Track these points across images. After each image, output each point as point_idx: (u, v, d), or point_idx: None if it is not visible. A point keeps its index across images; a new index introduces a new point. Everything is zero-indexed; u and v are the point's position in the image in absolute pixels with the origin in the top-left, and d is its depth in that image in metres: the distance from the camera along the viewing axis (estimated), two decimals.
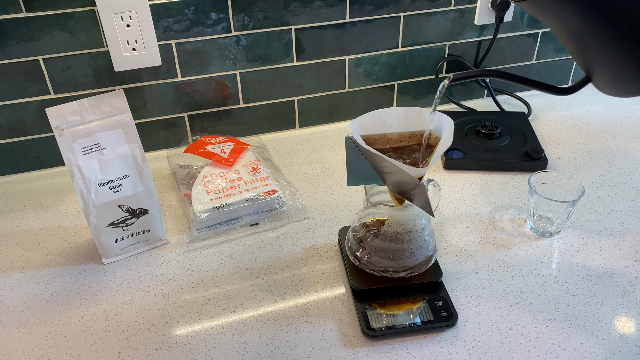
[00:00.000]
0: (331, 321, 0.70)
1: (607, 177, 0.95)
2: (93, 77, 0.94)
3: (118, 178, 0.75)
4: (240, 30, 0.97)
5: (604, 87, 0.69)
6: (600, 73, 0.67)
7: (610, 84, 0.68)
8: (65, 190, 0.96)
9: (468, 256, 0.79)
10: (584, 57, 0.67)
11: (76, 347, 0.68)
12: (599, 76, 0.68)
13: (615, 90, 0.68)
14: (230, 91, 1.03)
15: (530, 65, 1.19)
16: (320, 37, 1.02)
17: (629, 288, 0.74)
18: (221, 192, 0.85)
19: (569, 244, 0.81)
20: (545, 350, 0.66)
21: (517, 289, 0.74)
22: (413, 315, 0.69)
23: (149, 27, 0.91)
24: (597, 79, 0.69)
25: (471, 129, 1.04)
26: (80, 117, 0.72)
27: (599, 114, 1.14)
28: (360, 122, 0.69)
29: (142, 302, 0.74)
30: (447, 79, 0.64)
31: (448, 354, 0.65)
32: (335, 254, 0.80)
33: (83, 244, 0.84)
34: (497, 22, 1.08)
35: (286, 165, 1.00)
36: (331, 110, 1.11)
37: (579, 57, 0.68)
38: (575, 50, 0.67)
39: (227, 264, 0.79)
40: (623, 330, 0.68)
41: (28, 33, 0.87)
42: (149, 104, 0.99)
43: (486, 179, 0.95)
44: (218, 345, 0.67)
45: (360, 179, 0.72)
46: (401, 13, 1.04)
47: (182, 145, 1.00)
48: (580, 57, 0.68)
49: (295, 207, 0.88)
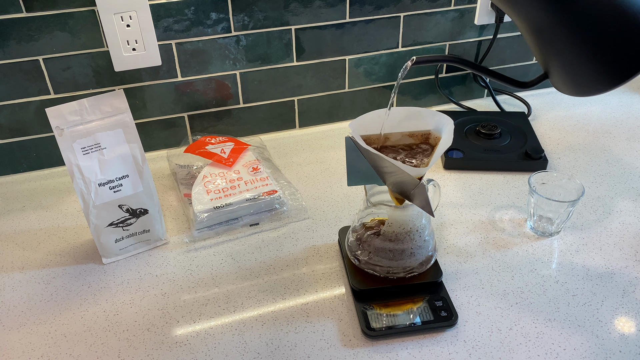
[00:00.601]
0: (331, 321, 0.70)
1: (607, 177, 0.95)
2: (93, 77, 0.94)
3: (118, 178, 0.75)
4: (240, 30, 0.97)
5: (560, 84, 0.70)
6: (557, 70, 0.68)
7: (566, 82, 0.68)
8: (65, 190, 0.96)
9: (468, 256, 0.79)
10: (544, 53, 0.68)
11: (76, 347, 0.68)
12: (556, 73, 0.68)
13: (570, 89, 0.69)
14: (230, 91, 1.03)
15: (530, 65, 1.19)
16: (320, 37, 1.02)
17: (629, 288, 0.74)
18: (221, 192, 0.85)
19: (569, 244, 0.81)
20: (545, 350, 0.66)
21: (517, 289, 0.74)
22: (413, 315, 0.69)
23: (149, 27, 0.91)
24: (554, 76, 0.69)
25: (471, 129, 1.05)
26: (80, 117, 0.72)
27: (599, 114, 1.14)
28: (360, 122, 0.69)
29: (142, 302, 0.74)
30: (410, 60, 0.66)
31: (448, 354, 0.65)
32: (335, 254, 0.80)
33: (83, 244, 0.84)
34: (497, 22, 1.08)
35: (286, 165, 1.00)
36: (331, 110, 1.11)
37: (539, 54, 0.69)
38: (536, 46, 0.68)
39: (227, 264, 0.79)
40: (623, 330, 0.68)
41: (28, 33, 0.87)
42: (149, 104, 0.99)
43: (486, 179, 0.95)
44: (218, 345, 0.67)
45: (360, 179, 0.72)
46: (401, 13, 1.04)
47: (182, 145, 1.00)
48: (539, 53, 0.69)
49: (295, 207, 0.88)
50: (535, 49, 0.69)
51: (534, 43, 0.68)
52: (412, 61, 0.66)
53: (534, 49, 0.69)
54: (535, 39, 0.67)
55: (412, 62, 0.66)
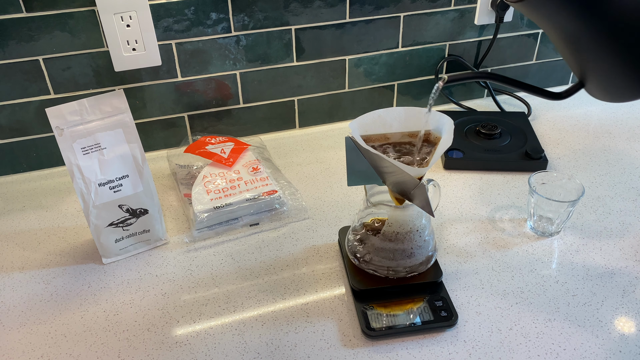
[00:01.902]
0: (331, 321, 0.70)
1: (607, 177, 0.95)
2: (93, 77, 0.94)
3: (118, 178, 0.75)
4: (240, 30, 0.97)
5: (596, 92, 0.68)
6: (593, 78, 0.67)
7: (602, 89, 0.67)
8: (65, 190, 0.96)
9: (468, 256, 0.79)
10: (578, 61, 0.66)
11: (76, 347, 0.68)
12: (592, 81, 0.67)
13: (607, 96, 0.68)
14: (230, 91, 1.03)
15: (530, 66, 1.19)
16: (320, 37, 1.02)
17: (629, 288, 0.74)
18: (221, 192, 0.85)
19: (569, 244, 0.81)
20: (545, 350, 0.66)
21: (517, 289, 0.74)
22: (413, 315, 0.69)
23: (149, 27, 0.91)
24: (590, 84, 0.68)
25: (471, 129, 1.05)
26: (80, 117, 0.72)
27: (599, 114, 1.14)
28: (360, 122, 0.69)
29: (142, 302, 0.74)
30: (441, 80, 0.63)
31: (448, 354, 0.65)
32: (335, 254, 0.80)
33: (83, 244, 0.84)
34: (497, 22, 1.08)
35: (286, 165, 1.00)
36: (331, 110, 1.11)
37: (573, 62, 0.68)
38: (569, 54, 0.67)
39: (227, 264, 0.79)
40: (623, 330, 0.68)
41: (28, 33, 0.87)
42: (149, 104, 0.99)
43: (486, 179, 0.95)
44: (218, 345, 0.67)
45: (360, 179, 0.72)
46: (401, 13, 1.04)
47: (182, 145, 1.00)
48: (573, 61, 0.67)
49: (295, 207, 0.88)
50: (570, 58, 0.67)
51: (568, 52, 0.66)
52: (444, 81, 0.62)
53: (568, 58, 0.67)
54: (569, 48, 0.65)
55: (444, 81, 0.62)
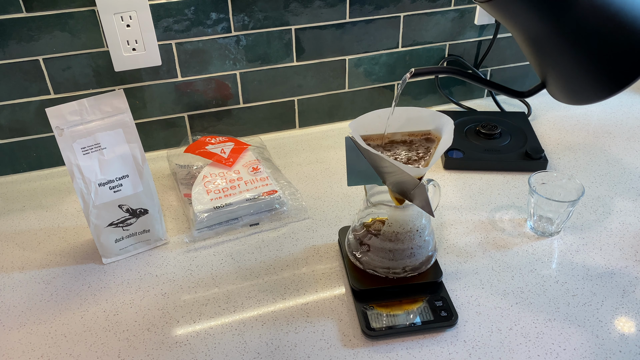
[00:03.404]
0: (331, 321, 0.70)
1: (607, 177, 0.95)
2: (93, 77, 0.94)
3: (118, 178, 0.75)
4: (240, 30, 0.97)
5: (556, 93, 0.70)
6: (553, 79, 0.68)
7: (562, 91, 0.68)
8: (65, 190, 0.96)
9: (468, 256, 0.79)
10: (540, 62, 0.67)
11: (76, 347, 0.68)
12: (552, 82, 0.68)
13: (566, 97, 0.69)
14: (230, 91, 1.03)
15: (530, 66, 1.19)
16: (320, 37, 1.02)
17: (629, 288, 0.74)
18: (221, 192, 0.85)
19: (569, 244, 0.81)
20: (545, 350, 0.66)
21: (517, 289, 0.74)
22: (413, 315, 0.69)
23: (149, 27, 0.91)
24: (550, 85, 0.69)
25: (471, 129, 1.05)
26: (80, 117, 0.72)
27: (599, 114, 1.14)
28: (360, 122, 0.69)
29: (142, 302, 0.74)
30: (408, 72, 0.66)
31: (448, 354, 0.65)
32: (335, 254, 0.80)
33: (83, 244, 0.84)
34: (497, 22, 1.08)
35: (286, 165, 1.00)
36: (331, 110, 1.11)
37: (535, 63, 0.69)
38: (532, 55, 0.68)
39: (227, 264, 0.79)
40: (623, 330, 0.68)
41: (28, 33, 0.87)
42: (149, 104, 0.99)
43: (486, 179, 0.95)
44: (218, 345, 0.67)
45: (360, 179, 0.72)
46: (401, 13, 1.04)
47: (182, 145, 1.00)
48: (536, 62, 0.68)
49: (295, 207, 0.88)
50: (532, 58, 0.69)
51: (530, 53, 0.68)
52: (411, 73, 0.66)
53: (530, 58, 0.69)
54: (531, 49, 0.67)
55: (411, 74, 0.66)
